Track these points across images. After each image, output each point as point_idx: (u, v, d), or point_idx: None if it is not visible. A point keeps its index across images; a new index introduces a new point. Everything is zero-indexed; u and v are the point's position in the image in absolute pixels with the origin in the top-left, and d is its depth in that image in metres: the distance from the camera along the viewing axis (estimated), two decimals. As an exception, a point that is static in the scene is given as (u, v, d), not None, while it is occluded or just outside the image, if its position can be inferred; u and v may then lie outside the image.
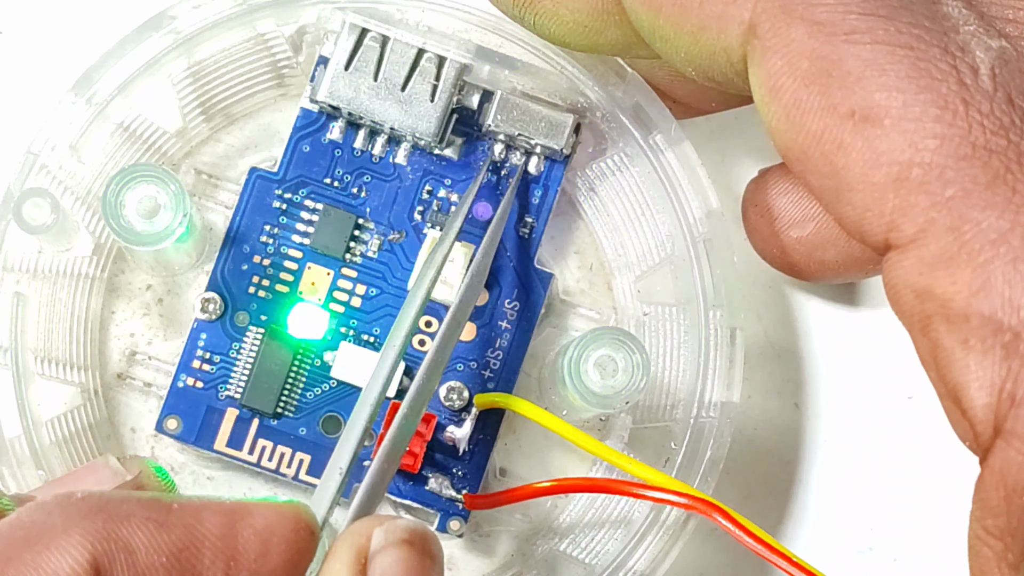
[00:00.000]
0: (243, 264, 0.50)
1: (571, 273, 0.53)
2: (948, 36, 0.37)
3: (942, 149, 0.35)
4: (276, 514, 0.37)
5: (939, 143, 0.35)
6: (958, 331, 0.35)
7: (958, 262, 0.35)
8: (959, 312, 0.35)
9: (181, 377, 0.50)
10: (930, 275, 0.35)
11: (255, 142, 0.53)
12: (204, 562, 0.35)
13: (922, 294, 0.36)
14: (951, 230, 0.35)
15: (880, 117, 0.36)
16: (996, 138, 0.35)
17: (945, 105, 0.36)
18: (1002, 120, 0.36)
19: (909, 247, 0.36)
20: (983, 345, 0.35)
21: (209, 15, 0.49)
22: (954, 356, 0.35)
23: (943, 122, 0.36)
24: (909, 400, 0.54)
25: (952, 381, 0.36)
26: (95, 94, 0.49)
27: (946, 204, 0.35)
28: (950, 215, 0.35)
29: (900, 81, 0.36)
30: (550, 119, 0.50)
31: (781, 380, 0.54)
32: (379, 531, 0.38)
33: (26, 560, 0.34)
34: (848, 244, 0.49)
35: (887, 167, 0.36)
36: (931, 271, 0.35)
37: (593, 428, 0.52)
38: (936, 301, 0.35)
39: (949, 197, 0.35)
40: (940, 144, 0.35)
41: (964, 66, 0.36)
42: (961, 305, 0.35)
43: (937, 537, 0.53)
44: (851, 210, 0.37)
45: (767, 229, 0.50)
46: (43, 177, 0.48)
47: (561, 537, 0.51)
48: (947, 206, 0.35)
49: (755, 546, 0.45)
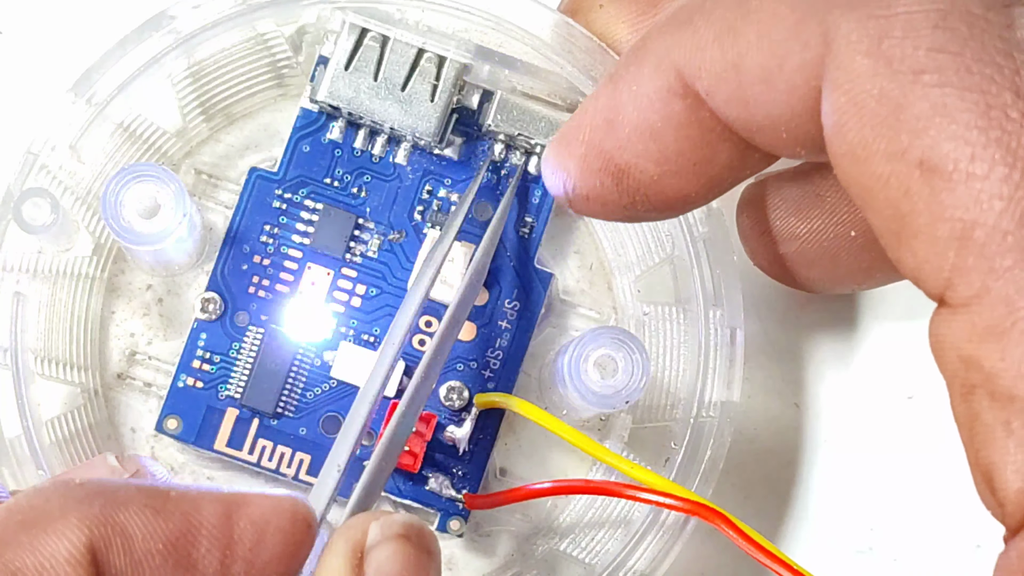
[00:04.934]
0: (243, 264, 0.50)
1: (571, 273, 0.53)
2: (1020, 75, 0.34)
3: (1007, 212, 0.33)
4: (273, 505, 0.37)
5: (1004, 205, 0.34)
6: (1001, 410, 0.34)
7: (1010, 338, 0.34)
8: (1005, 391, 0.34)
9: (181, 377, 0.50)
10: (979, 345, 0.34)
11: (255, 142, 0.53)
12: (200, 550, 0.35)
13: (968, 362, 0.34)
14: (1006, 303, 0.34)
15: (948, 169, 0.34)
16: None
17: (1014, 164, 0.34)
18: None
19: (961, 309, 0.34)
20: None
21: (209, 15, 0.49)
22: (994, 435, 0.34)
23: (1011, 183, 0.34)
24: (909, 400, 0.54)
25: (987, 459, 0.34)
26: (95, 94, 0.49)
27: (1003, 274, 0.34)
28: (1006, 286, 0.34)
29: (969, 131, 0.34)
30: (550, 119, 0.50)
31: (781, 380, 0.54)
32: (375, 526, 0.38)
33: (23, 543, 0.34)
34: (832, 265, 0.48)
35: (951, 223, 0.34)
36: (981, 341, 0.34)
37: (593, 428, 0.52)
38: (983, 373, 0.34)
39: (1008, 267, 0.34)
40: (1005, 207, 0.34)
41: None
42: (1008, 384, 0.34)
43: (937, 537, 0.53)
44: (911, 257, 0.35)
45: (757, 240, 0.50)
46: (43, 177, 0.48)
47: (561, 537, 0.51)
48: (1004, 276, 0.34)
49: (753, 552, 0.45)
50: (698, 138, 0.40)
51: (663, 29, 0.40)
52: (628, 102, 0.41)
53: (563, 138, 0.43)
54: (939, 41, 0.35)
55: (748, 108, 0.38)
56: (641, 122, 0.41)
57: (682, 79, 0.39)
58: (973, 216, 0.34)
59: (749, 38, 0.38)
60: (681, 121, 0.40)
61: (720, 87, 0.39)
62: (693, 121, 0.40)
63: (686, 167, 0.41)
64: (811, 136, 0.38)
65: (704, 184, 0.41)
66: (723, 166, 0.41)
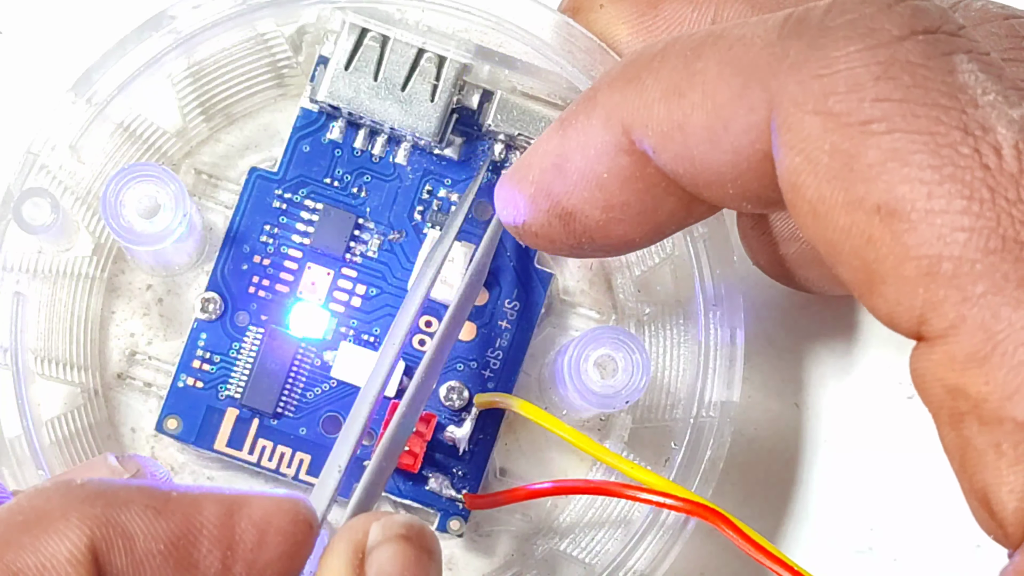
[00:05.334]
0: (243, 264, 0.50)
1: (571, 273, 0.53)
2: (967, 113, 0.35)
3: (971, 242, 0.34)
4: (274, 506, 0.37)
5: (968, 236, 0.34)
6: (991, 434, 0.34)
7: (992, 363, 0.34)
8: (992, 414, 0.34)
9: (181, 377, 0.50)
10: (962, 373, 0.34)
11: (255, 142, 0.53)
12: (201, 550, 0.35)
13: (954, 391, 0.35)
14: (983, 329, 0.34)
15: (906, 211, 0.34)
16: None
17: (971, 195, 0.34)
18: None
19: (939, 341, 0.34)
20: (1016, 452, 0.34)
21: (209, 15, 0.49)
22: (986, 459, 0.34)
23: (971, 213, 0.34)
24: (909, 400, 0.54)
25: (981, 482, 0.35)
26: (95, 94, 0.49)
27: (977, 301, 0.34)
28: (981, 312, 0.34)
29: (923, 172, 0.34)
30: (550, 119, 0.50)
31: (781, 380, 0.54)
32: (376, 526, 0.38)
33: (24, 544, 0.34)
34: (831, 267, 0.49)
35: (916, 261, 0.34)
36: (963, 369, 0.34)
37: (593, 428, 0.52)
38: (969, 401, 0.34)
39: (980, 293, 0.34)
40: (969, 237, 0.34)
41: (986, 147, 0.34)
42: (995, 407, 0.34)
43: (937, 537, 0.53)
44: (882, 302, 0.36)
45: (757, 240, 0.50)
46: (43, 177, 0.48)
47: (561, 537, 0.51)
48: (978, 303, 0.34)
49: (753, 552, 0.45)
50: (644, 191, 0.41)
51: (613, 83, 0.41)
52: (576, 151, 0.42)
53: (515, 174, 0.43)
54: (883, 91, 0.35)
55: (694, 165, 0.39)
56: (588, 171, 0.41)
57: (628, 136, 0.40)
58: (938, 251, 0.34)
59: (694, 99, 0.38)
60: (627, 175, 0.41)
61: (666, 145, 0.39)
62: (639, 175, 0.41)
63: (631, 216, 0.42)
64: (756, 192, 0.39)
65: (649, 231, 0.42)
66: (668, 215, 0.42)
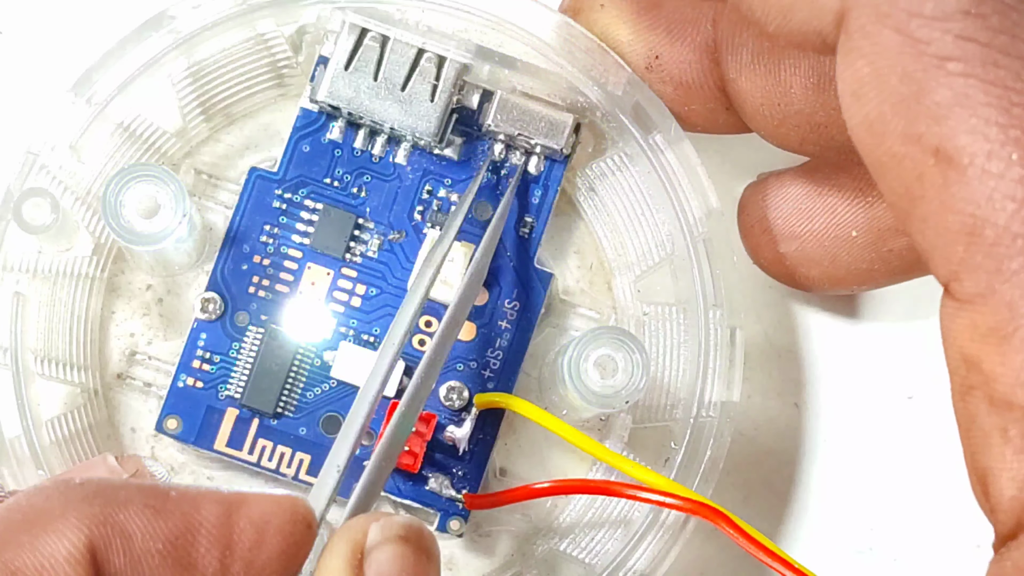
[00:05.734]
0: (243, 264, 0.50)
1: (571, 273, 0.53)
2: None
3: (1019, 214, 0.33)
4: (273, 505, 0.37)
5: (1017, 208, 0.33)
6: (999, 417, 0.34)
7: (1011, 344, 0.33)
8: (1003, 397, 0.34)
9: (181, 377, 0.50)
10: (981, 345, 0.34)
11: (255, 142, 0.53)
12: (199, 549, 0.35)
13: (969, 361, 0.34)
14: (1010, 307, 0.33)
15: (963, 163, 0.34)
16: None
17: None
18: None
19: (966, 305, 0.34)
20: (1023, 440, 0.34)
21: (209, 15, 0.49)
22: (991, 441, 0.34)
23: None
24: (909, 400, 0.54)
25: (983, 464, 0.34)
26: (95, 94, 0.49)
27: (1010, 277, 0.33)
28: (1012, 290, 0.33)
29: (988, 128, 0.33)
30: (550, 119, 0.50)
31: (781, 380, 0.54)
32: (375, 527, 0.38)
33: (23, 543, 0.34)
34: (832, 265, 0.48)
35: (962, 216, 0.34)
36: (982, 342, 0.34)
37: (593, 428, 0.52)
38: (982, 375, 0.34)
39: (1015, 270, 0.33)
40: (1018, 208, 0.33)
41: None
42: (1006, 390, 0.34)
43: (937, 537, 0.53)
44: (921, 238, 0.35)
45: (758, 238, 0.50)
46: (43, 177, 0.48)
47: (561, 537, 0.51)
48: (1011, 280, 0.33)
49: (754, 551, 0.45)
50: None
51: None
52: None
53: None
54: (969, 29, 0.34)
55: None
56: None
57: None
58: (984, 213, 0.33)
59: None
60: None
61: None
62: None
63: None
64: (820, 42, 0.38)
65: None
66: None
